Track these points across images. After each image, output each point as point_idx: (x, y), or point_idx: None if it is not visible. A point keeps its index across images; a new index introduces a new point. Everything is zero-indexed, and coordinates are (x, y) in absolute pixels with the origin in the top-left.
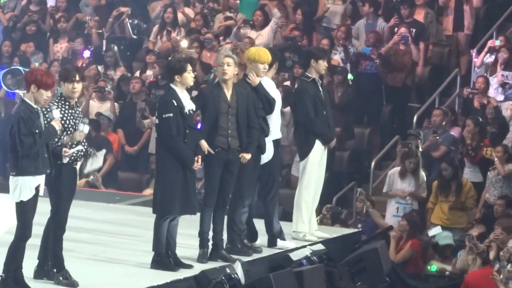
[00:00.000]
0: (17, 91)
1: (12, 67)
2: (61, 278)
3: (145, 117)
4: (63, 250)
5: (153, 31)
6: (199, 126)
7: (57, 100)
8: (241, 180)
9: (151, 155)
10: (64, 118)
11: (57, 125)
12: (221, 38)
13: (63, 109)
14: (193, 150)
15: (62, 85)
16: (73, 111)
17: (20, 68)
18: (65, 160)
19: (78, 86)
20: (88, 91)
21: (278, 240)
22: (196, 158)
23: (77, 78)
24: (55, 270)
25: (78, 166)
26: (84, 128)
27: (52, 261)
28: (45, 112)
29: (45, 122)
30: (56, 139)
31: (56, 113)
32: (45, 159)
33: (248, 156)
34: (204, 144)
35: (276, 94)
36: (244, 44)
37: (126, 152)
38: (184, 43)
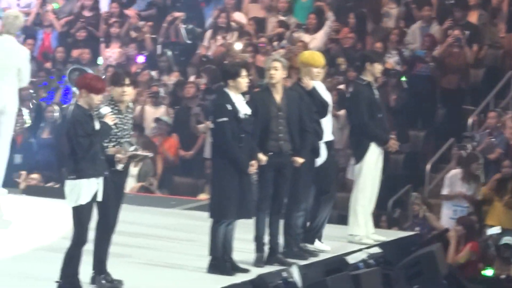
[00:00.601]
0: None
1: (81, 67)
2: (103, 282)
3: (200, 122)
4: (117, 255)
5: (206, 36)
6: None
7: (106, 104)
8: (296, 184)
9: (207, 160)
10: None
11: (109, 120)
12: (274, 42)
13: (113, 114)
14: (249, 154)
15: (112, 89)
16: (121, 116)
17: (86, 68)
18: (119, 167)
19: (128, 90)
20: (142, 96)
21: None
22: (251, 162)
23: (127, 82)
24: (97, 273)
25: (120, 167)
26: (103, 110)
27: (94, 264)
28: (96, 113)
29: (99, 123)
30: (107, 141)
31: (105, 109)
32: (102, 161)
33: (300, 160)
34: (261, 157)
35: (327, 97)
36: (297, 48)
37: (182, 157)
38: (238, 46)
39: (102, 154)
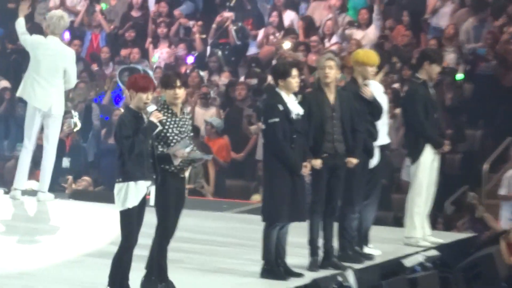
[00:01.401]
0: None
1: (132, 65)
2: None
3: (251, 123)
4: (169, 260)
5: (259, 34)
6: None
7: (160, 108)
8: (350, 186)
9: (258, 162)
10: (166, 127)
11: (154, 117)
12: (326, 40)
13: (165, 116)
14: (301, 156)
15: (163, 92)
16: (177, 119)
17: (140, 67)
18: (177, 162)
19: (180, 92)
20: (193, 97)
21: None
22: (304, 164)
23: (178, 83)
24: (158, 280)
25: (187, 175)
26: (150, 108)
27: (156, 271)
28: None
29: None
30: (160, 148)
31: (151, 107)
32: (151, 164)
33: (354, 160)
34: (315, 162)
35: (383, 98)
36: (350, 46)
37: (233, 159)
38: (287, 45)
39: (150, 157)
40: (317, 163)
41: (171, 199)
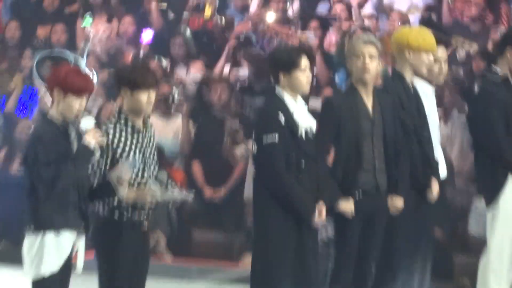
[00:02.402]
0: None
1: (57, 52)
2: None
3: (237, 141)
4: None
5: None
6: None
7: (113, 120)
8: (391, 242)
9: (247, 203)
10: (126, 148)
11: (92, 138)
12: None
13: (121, 132)
14: (314, 194)
15: (124, 95)
16: (139, 137)
17: (70, 56)
18: (122, 192)
19: (153, 96)
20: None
21: None
22: (319, 208)
23: (152, 82)
24: None
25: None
26: (85, 122)
27: None
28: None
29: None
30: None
31: (87, 121)
32: (80, 205)
33: (399, 202)
34: (345, 205)
35: (431, 104)
36: (391, 21)
37: (206, 199)
38: (270, 16)
39: (80, 195)
40: (348, 207)
41: (121, 266)
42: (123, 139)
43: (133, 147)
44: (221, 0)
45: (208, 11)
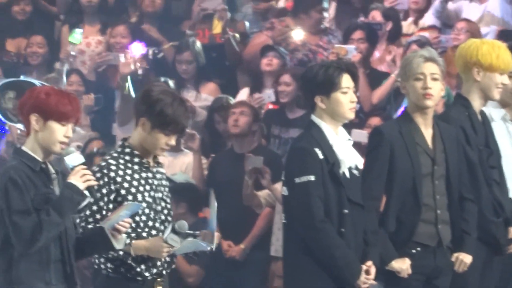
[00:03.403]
0: (19, 125)
1: (20, 79)
2: None
3: (261, 183)
4: None
5: None
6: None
7: (115, 154)
8: None
9: (274, 260)
10: (127, 185)
11: (79, 180)
12: (409, 20)
13: (126, 168)
14: (359, 249)
15: (141, 124)
16: (149, 176)
17: (34, 81)
18: (120, 245)
19: (174, 141)
20: None
21: None
22: (365, 268)
23: (180, 127)
24: None
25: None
26: (71, 159)
27: None
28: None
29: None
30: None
31: (74, 158)
32: (64, 262)
33: (468, 258)
34: (399, 264)
35: (506, 135)
36: (457, 33)
37: (223, 255)
38: (298, 34)
39: (65, 248)
40: (404, 267)
41: None
42: (128, 177)
43: (141, 188)
44: (230, 2)
45: (217, 27)
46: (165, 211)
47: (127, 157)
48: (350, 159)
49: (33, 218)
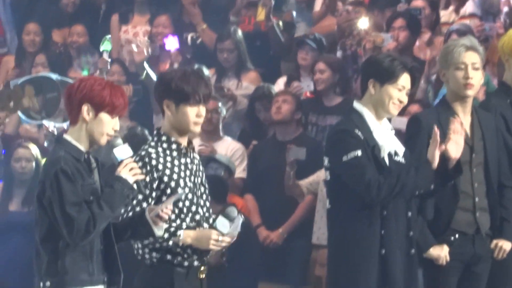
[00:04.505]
0: (44, 121)
1: (36, 75)
2: None
3: (301, 173)
4: None
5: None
6: None
7: (153, 143)
8: None
9: (317, 248)
10: (169, 172)
11: (128, 173)
12: (450, 8)
13: (165, 156)
14: (400, 234)
15: (165, 108)
16: (187, 162)
17: (52, 76)
18: (160, 231)
19: (204, 112)
20: None
21: None
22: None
23: (202, 95)
24: None
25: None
26: (120, 151)
27: None
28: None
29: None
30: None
31: (123, 150)
32: (104, 252)
33: (507, 245)
34: (437, 251)
35: None
36: (500, 24)
37: (263, 242)
38: (363, 23)
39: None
40: (443, 254)
41: None
42: (169, 164)
43: (182, 174)
44: None
45: (261, 14)
46: (204, 196)
47: (165, 145)
48: (390, 145)
49: (86, 211)
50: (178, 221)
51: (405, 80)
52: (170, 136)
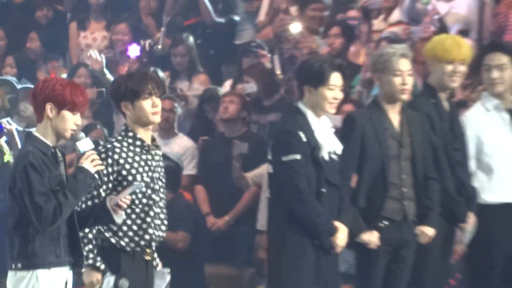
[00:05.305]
0: (4, 120)
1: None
2: None
3: (246, 166)
4: None
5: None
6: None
7: (119, 138)
8: (422, 279)
9: (260, 233)
10: (128, 166)
11: (89, 164)
12: (380, 17)
13: (128, 150)
14: (330, 224)
15: (124, 109)
16: (148, 158)
17: (11, 79)
18: (120, 219)
19: (159, 103)
20: None
21: None
22: (335, 240)
23: (155, 90)
24: None
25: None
26: (82, 145)
27: None
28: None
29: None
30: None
31: (84, 144)
32: (69, 236)
33: (430, 231)
34: (368, 237)
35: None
36: (425, 29)
37: (211, 228)
38: (296, 27)
39: (71, 223)
40: (373, 238)
41: None
42: (130, 159)
43: (140, 169)
44: (225, 1)
45: None
46: (162, 190)
47: (130, 140)
48: (330, 145)
49: (53, 200)
50: (129, 210)
51: (335, 78)
52: (136, 133)
